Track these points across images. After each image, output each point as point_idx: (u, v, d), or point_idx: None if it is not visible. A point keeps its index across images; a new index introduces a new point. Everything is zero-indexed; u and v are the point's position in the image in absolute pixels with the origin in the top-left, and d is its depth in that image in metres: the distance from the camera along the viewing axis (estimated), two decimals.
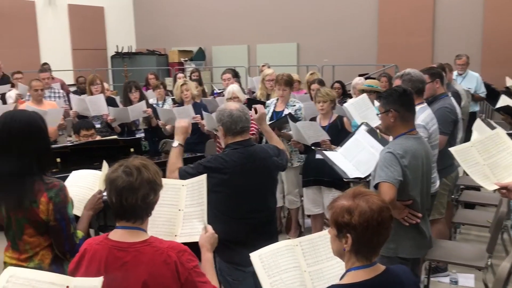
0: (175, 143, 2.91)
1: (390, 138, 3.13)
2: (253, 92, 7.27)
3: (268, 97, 5.85)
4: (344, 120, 4.54)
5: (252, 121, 2.97)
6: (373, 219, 1.65)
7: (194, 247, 2.06)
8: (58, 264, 2.27)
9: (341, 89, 6.75)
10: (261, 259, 2.05)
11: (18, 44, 11.95)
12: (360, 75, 7.99)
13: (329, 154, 3.69)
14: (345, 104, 4.84)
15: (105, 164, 2.68)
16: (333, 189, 4.43)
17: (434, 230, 3.89)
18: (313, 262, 2.12)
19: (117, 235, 1.85)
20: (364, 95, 4.85)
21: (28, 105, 5.24)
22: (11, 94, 7.22)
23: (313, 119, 4.68)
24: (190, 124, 3.01)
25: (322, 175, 4.43)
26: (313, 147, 4.07)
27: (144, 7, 14.90)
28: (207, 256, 2.11)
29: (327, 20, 12.26)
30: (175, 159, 2.85)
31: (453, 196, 4.78)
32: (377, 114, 3.02)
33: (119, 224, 1.86)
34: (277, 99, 5.08)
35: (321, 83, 5.83)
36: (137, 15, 15.16)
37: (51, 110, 5.26)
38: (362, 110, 4.54)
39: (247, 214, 2.79)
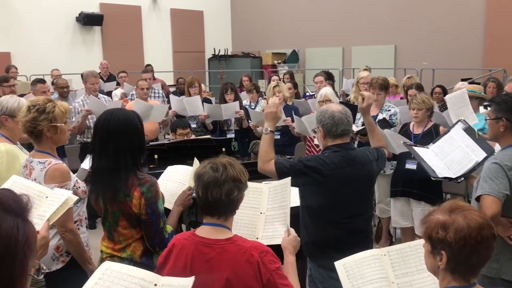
0: (266, 129, 2.79)
1: (496, 146, 2.88)
2: (347, 95, 7.12)
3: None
4: (440, 129, 4.23)
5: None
6: (471, 237, 1.51)
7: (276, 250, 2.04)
8: (148, 257, 2.37)
9: (442, 94, 6.36)
10: (345, 268, 1.98)
11: (125, 46, 12.84)
12: (463, 80, 7.48)
13: (418, 150, 3.47)
14: (445, 97, 4.56)
15: (196, 161, 2.75)
16: (422, 202, 4.16)
17: None
18: (402, 274, 2.01)
19: (204, 231, 1.90)
20: (464, 90, 4.53)
21: (137, 100, 5.62)
22: (117, 93, 7.80)
23: (406, 125, 4.44)
24: (280, 110, 2.85)
25: (411, 186, 4.18)
26: (402, 142, 3.86)
27: (241, 11, 15.27)
28: (290, 258, 2.09)
29: (427, 20, 11.67)
30: (267, 147, 2.75)
31: None
32: (486, 119, 2.79)
33: (206, 221, 1.92)
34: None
35: (419, 88, 5.53)
36: (234, 18, 15.58)
37: (157, 106, 5.59)
38: (459, 106, 4.24)
39: (345, 219, 2.71)
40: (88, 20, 12.12)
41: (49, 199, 2.02)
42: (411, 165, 4.11)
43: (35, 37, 11.15)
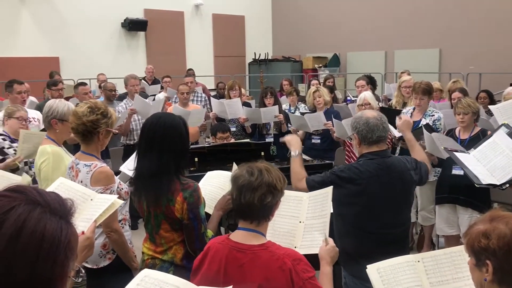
0: (294, 153, 2.89)
1: None
2: (389, 100, 7.00)
3: (404, 105, 5.58)
4: (488, 134, 4.10)
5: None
6: None
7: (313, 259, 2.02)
8: (189, 260, 2.39)
9: (487, 99, 6.15)
10: (379, 272, 1.93)
11: (168, 51, 13.10)
12: None
13: (460, 156, 3.37)
14: (490, 106, 4.40)
15: (235, 166, 2.79)
16: (469, 209, 4.03)
17: None
18: (437, 282, 1.94)
19: (237, 236, 1.91)
20: None
21: (175, 106, 5.73)
22: (160, 96, 7.98)
23: (451, 130, 4.32)
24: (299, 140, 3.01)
25: (457, 192, 4.05)
26: (442, 147, 3.75)
27: (282, 15, 15.29)
28: (326, 269, 2.04)
29: (474, 23, 11.31)
30: (299, 168, 2.83)
31: None
32: None
33: (240, 225, 1.93)
34: (414, 108, 4.80)
35: (463, 92, 5.37)
36: (275, 23, 15.62)
37: (195, 111, 5.70)
38: (509, 115, 4.09)
39: (380, 229, 2.66)
40: (133, 26, 12.45)
41: (94, 201, 2.08)
42: (458, 171, 3.98)
43: (82, 43, 11.55)
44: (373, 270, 1.94)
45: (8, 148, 3.79)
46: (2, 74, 8.68)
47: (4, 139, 3.82)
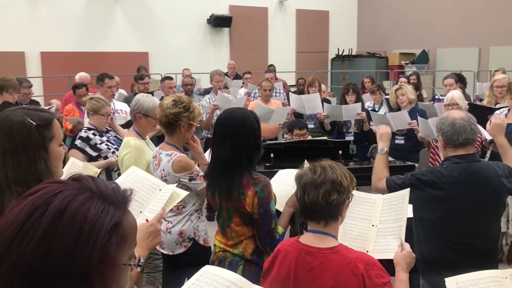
0: (382, 150, 2.84)
1: None
2: (481, 100, 6.55)
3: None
4: None
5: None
6: None
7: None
8: (259, 255, 2.40)
9: None
10: (458, 286, 1.78)
11: (250, 46, 13.26)
12: None
13: None
14: None
15: (306, 164, 2.73)
16: None
17: None
18: None
19: (307, 239, 1.87)
20: None
21: (259, 103, 5.77)
22: (241, 92, 8.08)
23: None
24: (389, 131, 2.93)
25: None
26: None
27: (368, 9, 14.85)
28: (402, 275, 1.94)
29: None
30: (382, 166, 2.76)
31: None
32: None
33: (309, 227, 1.89)
34: (509, 109, 4.42)
35: None
36: (361, 18, 15.21)
37: (278, 109, 5.68)
38: None
39: (464, 239, 2.48)
40: (218, 22, 12.74)
41: (162, 192, 2.14)
42: None
43: (170, 38, 12.03)
44: (452, 284, 1.80)
45: (100, 143, 3.77)
46: (96, 67, 9.25)
47: (94, 134, 3.80)
